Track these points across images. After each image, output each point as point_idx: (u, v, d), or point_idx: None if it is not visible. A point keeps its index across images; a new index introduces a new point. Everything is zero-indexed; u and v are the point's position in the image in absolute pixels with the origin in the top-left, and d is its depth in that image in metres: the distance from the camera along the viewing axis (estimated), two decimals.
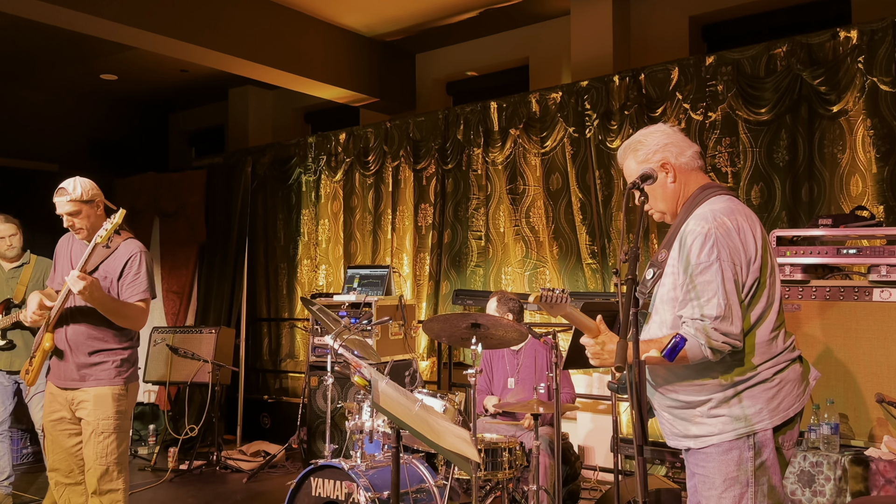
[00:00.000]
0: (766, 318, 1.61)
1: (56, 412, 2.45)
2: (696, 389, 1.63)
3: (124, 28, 3.92)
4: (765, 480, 1.58)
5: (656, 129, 1.77)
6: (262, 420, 5.16)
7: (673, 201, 1.73)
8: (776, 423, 1.59)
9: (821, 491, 2.65)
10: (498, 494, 2.70)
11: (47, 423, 2.47)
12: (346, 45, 5.00)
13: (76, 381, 2.42)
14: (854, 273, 2.94)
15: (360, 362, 2.35)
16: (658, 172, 1.70)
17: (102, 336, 2.42)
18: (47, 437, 2.47)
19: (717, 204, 1.65)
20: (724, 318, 1.54)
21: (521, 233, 4.43)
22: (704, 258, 1.57)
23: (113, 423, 2.40)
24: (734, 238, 1.59)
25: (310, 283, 5.48)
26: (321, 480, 2.70)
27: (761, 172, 3.61)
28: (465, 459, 1.75)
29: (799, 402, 1.63)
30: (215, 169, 5.90)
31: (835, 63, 3.35)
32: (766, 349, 1.61)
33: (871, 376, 2.72)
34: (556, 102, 4.25)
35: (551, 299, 1.60)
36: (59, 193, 2.39)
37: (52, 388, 2.46)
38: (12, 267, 3.53)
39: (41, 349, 2.43)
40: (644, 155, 1.73)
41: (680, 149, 1.73)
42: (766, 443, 1.59)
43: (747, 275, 1.60)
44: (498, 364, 3.30)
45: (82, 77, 5.65)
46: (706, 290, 1.56)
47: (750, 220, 1.64)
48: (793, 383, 1.63)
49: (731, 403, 1.60)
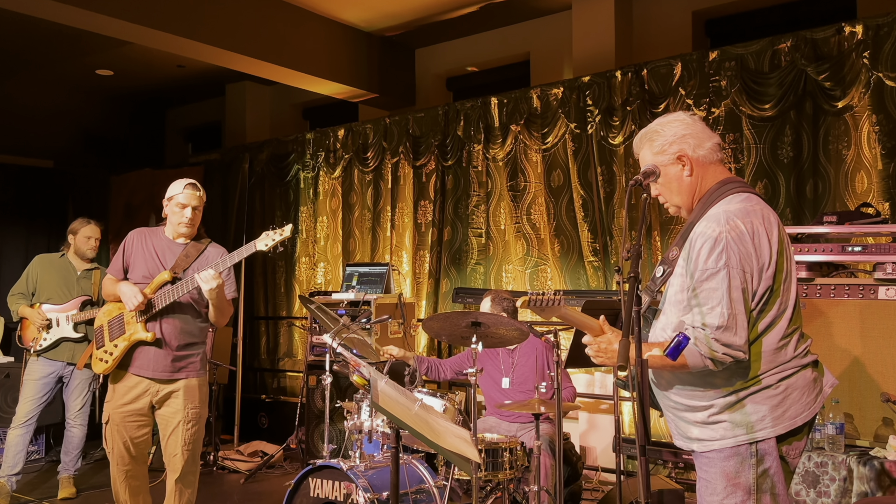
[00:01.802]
0: (775, 326, 1.55)
1: (132, 403, 2.54)
2: (699, 395, 1.60)
3: (120, 23, 3.89)
4: (768, 488, 1.54)
5: (675, 117, 1.69)
6: (260, 420, 5.14)
7: (689, 195, 1.66)
8: (779, 431, 1.53)
9: (825, 492, 2.63)
10: (499, 495, 2.68)
11: (117, 413, 2.54)
12: (345, 40, 4.97)
13: (170, 372, 2.55)
14: (859, 271, 2.91)
15: (359, 361, 2.32)
16: (673, 166, 1.64)
17: (191, 330, 2.60)
18: (112, 426, 2.54)
19: (732, 204, 1.58)
20: (727, 329, 1.48)
21: (522, 230, 4.40)
22: (712, 264, 1.51)
23: (199, 412, 2.60)
24: (747, 243, 1.52)
25: (308, 280, 5.45)
26: (319, 481, 2.69)
27: (765, 169, 3.58)
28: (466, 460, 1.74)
29: (808, 411, 1.56)
30: (212, 165, 5.87)
31: (840, 58, 3.32)
32: (773, 357, 1.55)
33: (877, 375, 2.69)
34: (557, 98, 4.22)
35: (541, 303, 1.56)
36: (191, 186, 2.63)
37: (133, 380, 2.54)
38: (85, 269, 3.82)
39: (128, 340, 2.53)
40: (660, 146, 1.66)
41: (698, 140, 1.65)
42: (770, 451, 1.54)
43: (759, 283, 1.53)
44: (491, 363, 3.25)
45: (78, 73, 5.61)
46: (711, 297, 1.50)
47: (767, 223, 1.57)
48: (801, 390, 1.56)
49: (734, 409, 1.55)
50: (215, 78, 5.77)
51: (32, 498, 3.77)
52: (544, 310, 1.57)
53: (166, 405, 2.55)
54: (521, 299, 1.59)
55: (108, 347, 2.56)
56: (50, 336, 3.67)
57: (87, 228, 3.81)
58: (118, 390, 2.55)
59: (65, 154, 6.09)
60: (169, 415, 2.55)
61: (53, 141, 6.04)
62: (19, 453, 3.61)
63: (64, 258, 3.83)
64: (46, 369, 3.68)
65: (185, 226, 2.63)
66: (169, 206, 2.66)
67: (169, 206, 2.66)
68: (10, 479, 3.61)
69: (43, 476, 4.25)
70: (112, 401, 2.54)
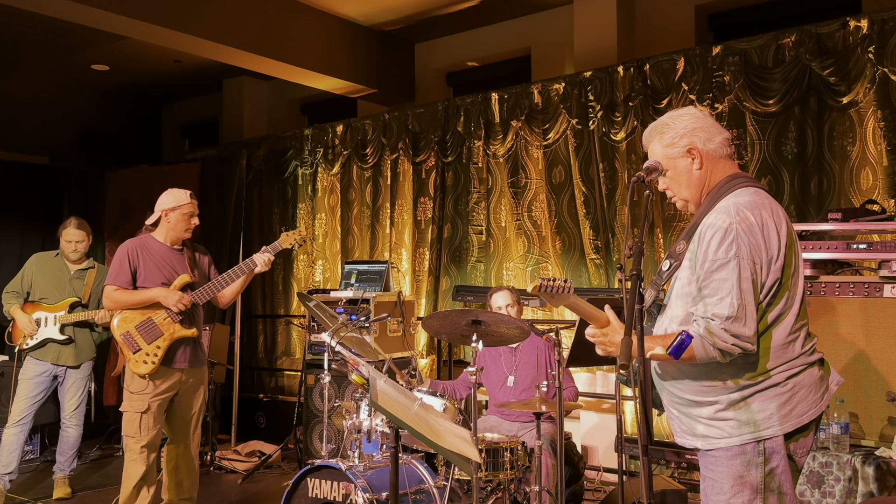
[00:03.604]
0: (783, 321, 1.55)
1: (167, 392, 2.84)
2: (705, 390, 1.58)
3: (116, 17, 3.85)
4: (775, 487, 1.53)
5: (685, 112, 1.70)
6: (258, 419, 5.11)
7: (697, 189, 1.66)
8: (787, 429, 1.53)
9: (830, 492, 2.61)
10: (499, 496, 2.66)
11: (156, 402, 2.81)
12: (344, 34, 4.93)
13: (199, 361, 2.95)
14: (864, 269, 2.89)
15: (358, 360, 2.29)
16: (682, 159, 1.64)
17: (201, 321, 2.98)
18: (150, 416, 2.80)
19: (741, 197, 1.58)
20: (737, 319, 1.47)
21: (523, 227, 4.37)
22: (722, 254, 1.50)
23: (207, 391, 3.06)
24: (756, 234, 1.52)
25: (306, 278, 5.41)
26: (318, 481, 2.67)
27: (769, 165, 3.56)
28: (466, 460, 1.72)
29: (815, 409, 1.56)
30: (209, 162, 5.82)
31: (845, 53, 3.29)
32: (781, 353, 1.54)
33: (883, 374, 2.68)
34: (558, 93, 4.19)
35: (552, 289, 1.55)
36: (193, 196, 2.98)
37: (170, 372, 2.82)
38: (78, 269, 3.79)
39: (169, 339, 2.81)
40: (670, 139, 1.66)
41: (709, 134, 1.65)
42: (777, 450, 1.53)
43: (767, 274, 1.53)
44: (494, 362, 3.23)
45: (73, 67, 5.57)
46: (720, 288, 1.50)
47: (776, 216, 1.57)
48: (808, 388, 1.56)
49: (739, 406, 1.54)
50: (212, 73, 5.73)
51: (27, 498, 3.74)
52: (554, 297, 1.57)
53: (190, 391, 2.91)
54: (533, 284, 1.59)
55: (148, 350, 2.80)
56: (37, 336, 3.64)
57: (68, 232, 3.71)
58: (156, 383, 2.81)
59: (60, 150, 6.05)
60: (192, 400, 2.93)
61: (48, 137, 6.00)
62: (13, 452, 3.59)
63: (59, 257, 3.79)
64: (39, 368, 3.65)
65: (190, 232, 2.95)
66: (173, 214, 2.91)
67: (173, 215, 2.91)
68: (3, 479, 3.59)
69: (38, 476, 4.22)
70: (149, 392, 2.80)
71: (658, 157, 1.67)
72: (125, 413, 2.83)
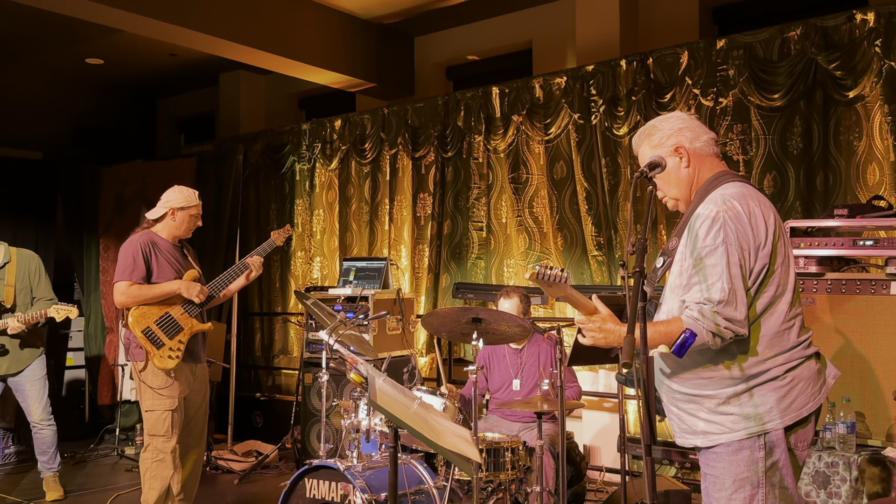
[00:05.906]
0: (774, 308, 1.59)
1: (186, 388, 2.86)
2: (703, 382, 1.60)
3: (111, 10, 3.81)
4: (776, 482, 1.55)
5: (672, 115, 1.78)
6: (255, 419, 5.08)
7: (686, 187, 1.72)
8: (787, 422, 1.56)
9: (836, 493, 2.59)
10: (500, 496, 2.64)
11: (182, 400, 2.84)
12: (342, 27, 4.88)
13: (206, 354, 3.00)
14: (871, 265, 2.87)
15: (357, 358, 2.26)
16: (670, 157, 1.69)
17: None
18: (179, 411, 2.82)
19: (729, 189, 1.64)
20: (728, 303, 1.52)
21: (524, 223, 4.33)
22: (710, 241, 1.56)
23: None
24: (743, 222, 1.57)
25: (304, 275, 5.37)
26: (316, 481, 2.66)
27: (774, 161, 3.52)
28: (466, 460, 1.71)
29: (814, 402, 1.60)
30: (205, 157, 5.77)
31: (851, 46, 3.26)
32: (775, 341, 1.58)
33: (889, 373, 2.66)
34: (560, 88, 4.14)
35: (549, 277, 1.56)
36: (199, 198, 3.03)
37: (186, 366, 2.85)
38: None
39: (190, 332, 2.84)
40: (658, 139, 1.73)
41: (695, 133, 1.72)
42: (778, 443, 1.56)
43: (755, 261, 1.58)
44: (499, 363, 3.20)
45: (67, 61, 5.52)
46: (711, 273, 1.55)
47: (763, 206, 1.62)
48: (807, 381, 1.59)
49: (742, 400, 1.57)
50: (209, 67, 5.68)
51: (20, 498, 3.69)
52: (551, 286, 1.58)
53: (199, 383, 2.94)
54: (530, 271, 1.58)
55: (172, 345, 2.82)
56: None
57: None
58: (179, 378, 2.83)
59: (54, 145, 6.00)
60: (203, 392, 2.98)
61: (42, 132, 5.94)
62: None
63: None
64: None
65: (191, 233, 3.00)
66: (181, 213, 2.95)
67: (181, 214, 2.95)
68: None
69: (28, 476, 4.16)
70: (175, 387, 2.81)
71: (648, 158, 1.71)
72: (151, 412, 2.77)
